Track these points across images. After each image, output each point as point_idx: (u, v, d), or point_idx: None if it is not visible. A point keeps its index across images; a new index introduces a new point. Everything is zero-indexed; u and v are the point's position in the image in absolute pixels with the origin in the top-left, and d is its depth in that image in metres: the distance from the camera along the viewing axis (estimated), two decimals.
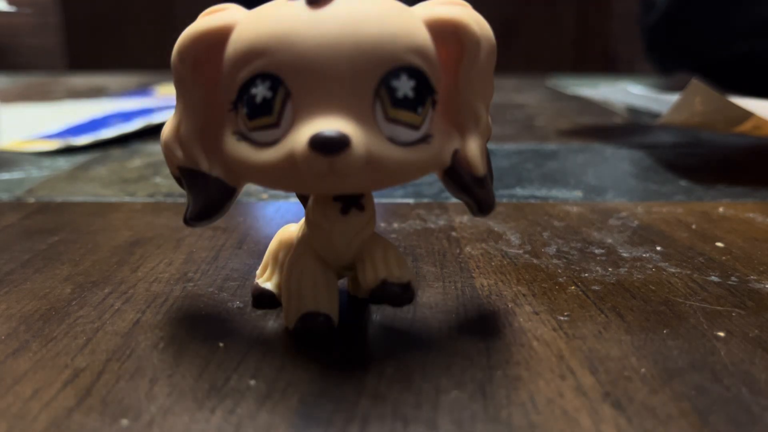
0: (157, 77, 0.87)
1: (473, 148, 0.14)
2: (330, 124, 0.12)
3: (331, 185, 0.13)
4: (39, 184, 0.31)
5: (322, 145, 0.12)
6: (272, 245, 0.17)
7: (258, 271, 0.17)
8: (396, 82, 0.13)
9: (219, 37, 0.14)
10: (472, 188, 0.15)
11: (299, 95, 0.13)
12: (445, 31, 0.14)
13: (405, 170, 0.13)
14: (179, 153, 0.15)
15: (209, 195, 0.15)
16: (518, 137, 0.44)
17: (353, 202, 0.15)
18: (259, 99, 0.13)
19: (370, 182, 0.14)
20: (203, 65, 0.14)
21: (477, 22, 0.14)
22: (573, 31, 1.82)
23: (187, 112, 0.14)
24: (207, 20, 0.14)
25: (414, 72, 0.13)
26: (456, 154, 0.14)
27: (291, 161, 0.13)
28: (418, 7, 0.14)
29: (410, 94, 0.13)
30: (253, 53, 0.13)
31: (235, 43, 0.13)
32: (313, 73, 0.13)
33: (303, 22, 0.13)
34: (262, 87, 0.13)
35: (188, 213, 0.15)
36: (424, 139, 0.14)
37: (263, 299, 0.17)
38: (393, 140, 0.13)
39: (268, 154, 0.13)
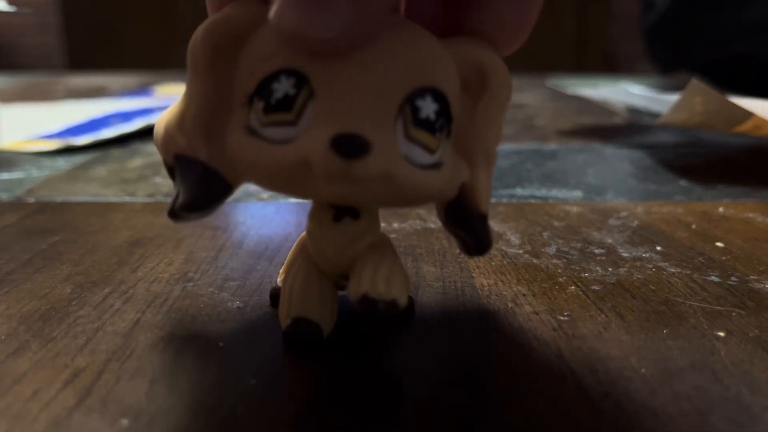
0: (157, 77, 0.87)
1: (481, 184, 0.14)
2: (352, 129, 0.12)
3: (339, 192, 0.12)
4: (39, 184, 0.31)
5: (343, 145, 0.12)
6: (294, 246, 0.17)
7: (280, 270, 0.17)
8: (421, 102, 0.13)
9: (246, 28, 0.13)
10: (473, 224, 0.15)
11: (323, 97, 0.12)
12: (470, 70, 0.14)
13: (415, 192, 0.13)
14: (181, 139, 0.14)
15: (204, 186, 0.14)
16: (518, 137, 0.44)
17: (347, 210, 0.14)
18: (280, 94, 0.12)
19: (379, 197, 0.13)
20: (221, 54, 0.14)
21: (502, 66, 0.14)
22: (573, 31, 1.82)
23: (197, 99, 0.14)
24: (239, 10, 0.13)
25: (439, 96, 0.13)
26: (462, 187, 0.14)
27: (304, 160, 0.12)
28: (445, 43, 0.14)
29: (432, 116, 0.13)
30: (283, 47, 0.13)
31: (264, 34, 0.13)
32: (342, 77, 0.12)
33: None
34: (286, 83, 0.12)
35: (177, 203, 0.14)
36: (436, 166, 0.13)
37: (277, 299, 0.17)
38: (408, 160, 0.13)
39: (279, 152, 0.12)
